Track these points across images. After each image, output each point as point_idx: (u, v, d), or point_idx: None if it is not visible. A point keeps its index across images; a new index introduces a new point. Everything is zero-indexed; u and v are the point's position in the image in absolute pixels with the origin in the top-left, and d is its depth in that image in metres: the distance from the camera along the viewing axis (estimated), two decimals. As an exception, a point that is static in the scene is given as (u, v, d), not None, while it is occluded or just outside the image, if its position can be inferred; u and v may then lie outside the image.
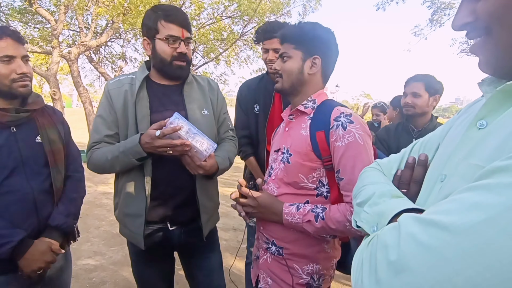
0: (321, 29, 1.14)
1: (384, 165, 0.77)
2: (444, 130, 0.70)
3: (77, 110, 31.76)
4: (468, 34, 0.54)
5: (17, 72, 1.16)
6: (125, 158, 1.24)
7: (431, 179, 0.60)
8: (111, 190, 5.28)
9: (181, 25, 1.27)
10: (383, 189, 0.64)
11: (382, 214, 0.56)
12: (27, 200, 1.21)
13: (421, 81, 1.94)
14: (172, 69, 1.32)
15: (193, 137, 1.20)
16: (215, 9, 9.73)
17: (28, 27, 9.05)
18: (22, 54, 1.19)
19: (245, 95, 1.99)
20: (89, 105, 8.48)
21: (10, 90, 1.17)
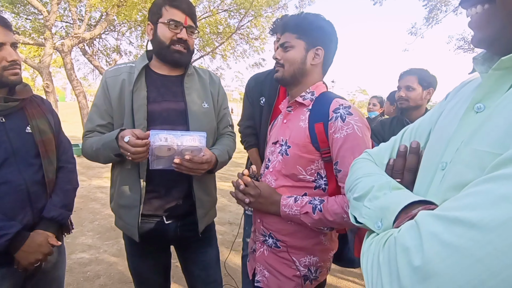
0: (324, 21, 1.13)
1: (375, 155, 0.76)
2: (434, 115, 0.68)
3: (71, 103, 31.41)
4: (463, 2, 0.52)
5: (7, 60, 1.12)
6: (105, 152, 1.24)
7: (429, 167, 0.58)
8: (105, 184, 5.27)
9: (185, 12, 1.26)
10: (381, 181, 0.61)
11: (387, 208, 0.53)
12: (21, 191, 1.18)
13: (415, 75, 1.97)
14: (169, 52, 1.29)
15: (181, 140, 1.15)
16: (211, 1, 9.63)
17: (19, 18, 8.87)
18: (11, 41, 1.15)
19: (252, 87, 2.02)
20: (83, 99, 8.36)
21: (1, 78, 1.13)
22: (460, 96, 0.62)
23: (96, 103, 1.32)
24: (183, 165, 1.19)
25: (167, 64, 1.35)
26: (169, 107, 1.31)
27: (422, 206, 0.49)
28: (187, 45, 1.30)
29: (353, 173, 0.74)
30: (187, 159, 1.17)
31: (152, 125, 1.27)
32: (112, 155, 1.23)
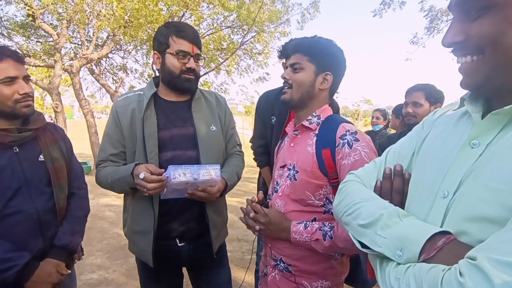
0: (336, 47, 1.15)
1: (362, 177, 0.80)
2: (413, 140, 0.75)
3: (79, 121, 31.90)
4: (455, 51, 0.59)
5: (19, 93, 1.16)
6: (120, 185, 1.27)
7: (425, 193, 0.62)
8: (113, 202, 5.30)
9: (192, 41, 1.29)
10: (389, 209, 0.64)
11: (407, 238, 0.56)
12: (32, 220, 1.20)
13: (421, 91, 1.96)
14: (180, 81, 1.32)
15: (198, 174, 1.18)
16: (215, 19, 9.84)
17: (30, 41, 9.16)
18: (24, 74, 1.19)
19: (264, 106, 2.04)
20: (90, 117, 8.51)
21: (14, 110, 1.17)
22: (441, 127, 0.69)
23: (108, 133, 1.35)
24: (197, 195, 1.23)
25: (177, 92, 1.38)
26: (179, 133, 1.34)
27: (444, 237, 0.52)
28: (195, 72, 1.34)
29: (348, 196, 0.76)
30: (200, 190, 1.21)
31: (164, 151, 1.30)
32: (128, 188, 1.26)
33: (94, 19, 7.49)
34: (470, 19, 0.54)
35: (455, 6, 0.57)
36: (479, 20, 0.53)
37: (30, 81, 1.24)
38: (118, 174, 1.27)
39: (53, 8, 6.78)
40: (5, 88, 1.13)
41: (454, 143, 0.61)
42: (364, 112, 22.72)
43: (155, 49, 1.35)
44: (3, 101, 1.14)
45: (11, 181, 1.16)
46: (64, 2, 6.82)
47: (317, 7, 9.74)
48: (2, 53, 1.13)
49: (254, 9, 8.76)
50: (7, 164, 1.16)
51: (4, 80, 1.13)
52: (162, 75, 1.36)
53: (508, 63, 0.52)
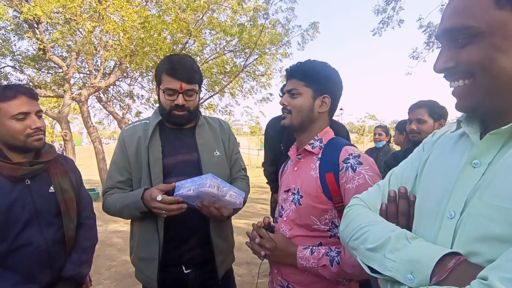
0: (330, 69, 1.17)
1: (367, 200, 0.80)
2: (414, 162, 0.76)
3: (87, 147, 32.35)
4: (447, 76, 0.61)
5: (31, 127, 1.21)
6: (130, 211, 1.29)
7: (432, 215, 0.62)
8: (121, 228, 5.27)
9: (180, 78, 1.30)
10: (396, 232, 0.63)
11: (417, 261, 0.55)
12: (41, 252, 1.21)
13: (424, 107, 1.96)
14: (171, 117, 1.36)
15: (225, 193, 1.19)
16: (217, 44, 10.12)
17: (41, 73, 9.51)
18: (36, 109, 1.25)
19: (272, 134, 2.09)
20: (98, 144, 8.65)
21: (25, 144, 1.21)
22: (441, 148, 0.70)
23: (115, 161, 1.39)
24: (209, 209, 1.23)
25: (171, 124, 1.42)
26: (183, 159, 1.37)
27: (454, 258, 0.52)
28: (185, 108, 1.35)
29: (353, 220, 0.75)
30: (216, 207, 1.22)
31: (168, 178, 1.32)
32: (137, 213, 1.27)
33: (102, 50, 7.79)
34: (459, 46, 0.57)
35: (443, 35, 0.60)
36: (467, 47, 0.55)
37: (42, 115, 1.30)
38: (127, 200, 1.29)
39: (63, 41, 7.08)
40: (18, 124, 1.18)
41: (455, 164, 0.62)
42: (370, 128, 22.66)
43: (156, 81, 1.41)
44: (15, 135, 1.19)
45: (22, 213, 1.18)
46: (73, 35, 7.13)
47: (316, 28, 9.97)
48: (17, 90, 1.20)
49: (255, 33, 9.02)
50: (18, 197, 1.19)
51: (17, 116, 1.18)
52: (159, 107, 1.41)
53: (499, 86, 0.54)
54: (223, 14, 9.17)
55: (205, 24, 8.40)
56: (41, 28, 7.76)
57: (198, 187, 1.14)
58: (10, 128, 1.18)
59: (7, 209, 1.16)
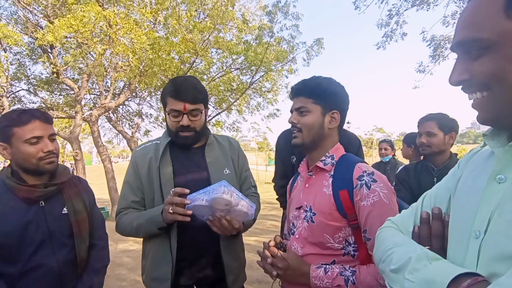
0: (336, 84, 1.17)
1: (399, 222, 0.77)
2: (449, 182, 0.72)
3: (97, 166, 32.74)
4: (464, 88, 0.59)
5: (43, 151, 1.23)
6: (148, 225, 1.29)
7: (460, 235, 0.59)
8: (131, 248, 5.25)
9: (184, 100, 1.31)
10: (417, 252, 0.62)
11: (432, 281, 0.53)
12: (53, 274, 1.21)
13: (434, 120, 1.94)
14: (178, 138, 1.37)
15: (238, 201, 1.18)
16: (224, 62, 10.34)
17: (54, 95, 9.81)
18: (49, 133, 1.27)
19: (282, 146, 2.05)
20: (108, 163, 8.77)
21: (37, 167, 1.24)
22: (474, 165, 0.67)
23: (128, 181, 1.40)
24: (220, 222, 1.21)
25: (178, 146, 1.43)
26: (194, 178, 1.38)
27: (470, 279, 0.50)
28: (190, 128, 1.36)
29: (382, 243, 0.74)
30: (228, 219, 1.20)
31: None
32: (155, 228, 1.27)
33: (112, 71, 8.03)
34: (472, 58, 0.55)
35: (457, 47, 0.58)
36: (480, 59, 0.54)
37: (55, 138, 1.33)
38: (146, 216, 1.29)
39: (75, 64, 7.33)
40: (31, 147, 1.21)
41: (484, 180, 0.59)
42: (377, 141, 22.48)
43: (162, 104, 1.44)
44: (28, 159, 1.22)
45: (36, 235, 1.20)
46: (85, 58, 7.39)
47: (321, 44, 10.12)
48: (32, 115, 1.23)
49: (261, 51, 9.19)
50: (33, 219, 1.21)
51: (30, 140, 1.21)
52: (167, 130, 1.44)
53: None
54: (229, 33, 9.41)
55: (212, 44, 8.61)
56: (55, 52, 8.08)
57: (211, 194, 1.13)
58: (23, 151, 1.21)
59: (22, 231, 1.17)
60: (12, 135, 1.20)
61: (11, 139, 1.21)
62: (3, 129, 1.21)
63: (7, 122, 1.21)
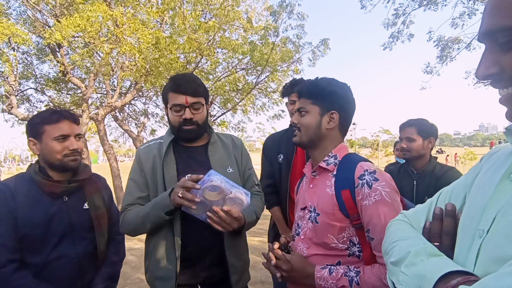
0: (337, 85, 1.17)
1: (411, 217, 0.75)
2: (468, 178, 0.68)
3: (103, 165, 33.03)
4: (493, 83, 0.54)
5: (69, 149, 1.31)
6: (155, 212, 1.26)
7: (466, 233, 0.57)
8: (135, 246, 5.28)
9: (185, 93, 1.31)
10: (417, 247, 0.61)
11: (424, 277, 0.52)
12: (73, 264, 1.29)
13: (413, 126, 2.03)
14: (182, 133, 1.38)
15: (231, 190, 1.20)
16: (229, 62, 10.37)
17: (61, 94, 9.92)
18: (76, 132, 1.36)
19: (270, 145, 2.11)
20: (114, 161, 8.85)
21: (62, 164, 1.31)
22: (493, 161, 0.63)
23: (133, 178, 1.40)
24: (218, 215, 1.19)
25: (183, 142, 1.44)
26: None
27: (461, 277, 0.48)
28: (194, 122, 1.36)
29: (389, 235, 0.73)
30: (225, 210, 1.19)
31: None
32: (163, 213, 1.24)
33: (118, 70, 8.10)
34: (503, 50, 0.49)
35: (484, 37, 0.52)
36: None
37: (81, 138, 1.40)
38: (152, 203, 1.29)
39: (82, 63, 7.41)
40: (58, 144, 1.30)
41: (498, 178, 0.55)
42: (384, 142, 22.29)
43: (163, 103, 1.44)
44: (54, 155, 1.30)
45: (59, 227, 1.27)
46: (91, 57, 7.46)
47: (327, 45, 10.10)
48: (61, 115, 1.33)
49: (267, 51, 9.19)
50: (57, 212, 1.28)
51: (58, 138, 1.30)
52: (170, 127, 1.44)
53: None
54: (234, 33, 9.43)
55: (217, 44, 8.63)
56: (62, 51, 8.16)
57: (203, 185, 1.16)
58: (51, 148, 1.29)
59: (47, 223, 1.25)
60: (43, 132, 1.29)
61: (41, 135, 1.30)
62: (36, 126, 1.30)
63: (40, 120, 1.31)
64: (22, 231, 1.22)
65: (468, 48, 7.97)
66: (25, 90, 9.47)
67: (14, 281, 1.17)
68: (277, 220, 2.02)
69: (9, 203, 1.22)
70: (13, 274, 1.18)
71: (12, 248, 1.20)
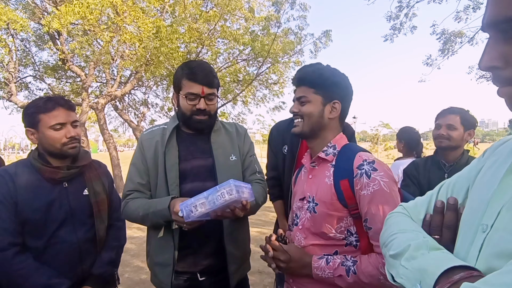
0: (339, 75, 1.15)
1: (411, 209, 0.74)
2: (471, 172, 0.67)
3: (102, 154, 33.08)
4: (494, 79, 0.50)
5: (67, 136, 1.31)
6: (154, 218, 1.27)
7: (469, 227, 0.57)
8: (135, 234, 5.33)
9: (202, 83, 1.30)
10: (418, 240, 0.60)
11: (425, 270, 0.52)
12: (74, 249, 1.30)
13: (457, 114, 1.88)
14: (192, 122, 1.36)
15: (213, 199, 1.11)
16: (230, 53, 10.29)
17: (61, 82, 9.85)
18: (72, 120, 1.35)
19: (275, 136, 2.03)
20: (113, 150, 8.85)
21: (61, 151, 1.32)
22: (497, 155, 0.62)
23: (135, 163, 1.39)
24: (223, 215, 1.20)
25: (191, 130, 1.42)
26: (199, 164, 1.37)
27: (464, 272, 0.48)
28: (207, 112, 1.35)
29: (388, 228, 0.73)
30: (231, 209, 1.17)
31: (184, 183, 1.33)
32: (162, 221, 1.26)
33: (118, 59, 8.03)
34: (507, 41, 0.46)
35: (488, 27, 0.49)
36: None
37: (77, 125, 1.39)
38: (152, 207, 1.27)
39: (81, 51, 7.34)
40: (55, 133, 1.29)
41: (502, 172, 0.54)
42: (384, 136, 22.20)
43: (174, 88, 1.42)
44: (53, 143, 1.30)
45: (59, 213, 1.28)
46: (91, 45, 7.39)
47: (329, 36, 10.00)
48: (56, 102, 1.31)
49: (268, 42, 9.10)
50: (56, 198, 1.29)
51: (54, 126, 1.29)
52: (178, 114, 1.43)
53: None
54: (236, 23, 9.32)
55: (218, 34, 8.55)
56: (62, 39, 8.08)
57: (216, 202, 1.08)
58: (49, 137, 1.29)
59: (47, 208, 1.26)
60: (39, 121, 1.29)
61: (38, 125, 1.29)
62: (31, 115, 1.30)
63: (34, 109, 1.29)
64: (23, 216, 1.23)
65: (471, 42, 7.90)
66: (24, 78, 9.41)
67: (15, 264, 1.20)
68: (278, 213, 1.98)
69: (9, 188, 1.23)
70: (14, 257, 1.20)
71: (13, 231, 1.22)
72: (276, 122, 2.15)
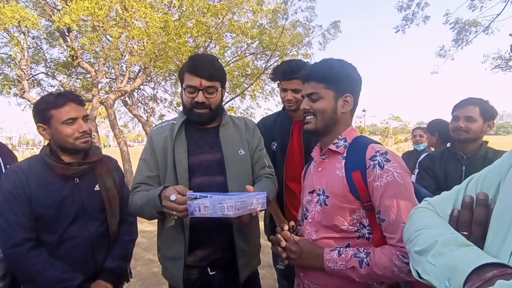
0: (348, 67, 1.13)
1: (437, 204, 0.72)
2: (503, 166, 0.63)
3: (113, 150, 33.60)
4: None
5: (79, 131, 1.33)
6: (148, 208, 1.25)
7: (501, 223, 0.54)
8: (146, 228, 5.40)
9: (200, 75, 1.30)
10: (446, 236, 0.58)
11: (454, 268, 0.50)
12: (86, 244, 1.33)
13: (477, 105, 1.82)
14: (192, 115, 1.37)
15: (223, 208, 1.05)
16: (238, 47, 10.21)
17: (71, 78, 9.98)
18: (83, 114, 1.36)
19: (263, 132, 1.88)
20: (124, 145, 8.95)
21: (74, 146, 1.33)
22: None
23: (145, 158, 1.40)
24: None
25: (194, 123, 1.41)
26: (208, 158, 1.37)
27: (497, 270, 0.45)
28: (205, 105, 1.34)
29: (413, 223, 0.71)
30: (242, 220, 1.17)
31: (193, 177, 1.32)
32: (155, 212, 1.23)
33: (127, 55, 8.07)
34: None
35: None
36: None
37: (88, 119, 1.41)
38: (147, 196, 1.26)
39: (90, 47, 7.40)
40: (67, 128, 1.31)
41: None
42: (394, 129, 21.90)
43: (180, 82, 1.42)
44: (66, 138, 1.31)
45: (71, 209, 1.30)
46: (100, 41, 7.43)
47: (338, 27, 9.83)
48: (67, 98, 1.32)
49: (276, 35, 9.00)
50: (68, 194, 1.31)
51: (66, 121, 1.30)
52: (182, 106, 1.43)
53: None
54: (243, 17, 9.24)
55: (226, 27, 8.49)
56: (72, 36, 8.16)
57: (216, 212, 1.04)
58: (61, 132, 1.30)
59: (59, 204, 1.28)
60: (51, 117, 1.30)
61: (50, 120, 1.30)
62: (42, 111, 1.31)
63: (45, 105, 1.30)
64: (37, 212, 1.26)
65: (486, 31, 7.65)
66: (36, 75, 9.56)
67: (30, 259, 1.22)
68: (274, 212, 1.91)
69: (24, 185, 1.25)
70: (29, 251, 1.22)
71: (28, 227, 1.25)
72: (262, 118, 2.08)
